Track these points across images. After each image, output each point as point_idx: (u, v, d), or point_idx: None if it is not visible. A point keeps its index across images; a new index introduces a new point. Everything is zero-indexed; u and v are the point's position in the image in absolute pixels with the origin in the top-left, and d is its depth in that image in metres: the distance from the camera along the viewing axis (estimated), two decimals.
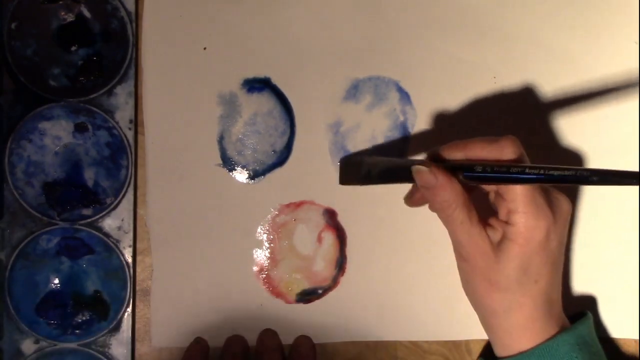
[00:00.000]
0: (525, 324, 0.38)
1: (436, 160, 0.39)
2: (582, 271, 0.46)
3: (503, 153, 0.36)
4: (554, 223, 0.37)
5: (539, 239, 0.37)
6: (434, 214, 0.47)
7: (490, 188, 0.40)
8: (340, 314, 0.46)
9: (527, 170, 0.35)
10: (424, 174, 0.37)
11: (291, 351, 0.46)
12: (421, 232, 0.46)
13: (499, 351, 0.40)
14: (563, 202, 0.39)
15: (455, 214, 0.37)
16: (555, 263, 0.39)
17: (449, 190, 0.37)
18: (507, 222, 0.37)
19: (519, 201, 0.36)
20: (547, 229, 0.37)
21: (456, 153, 0.38)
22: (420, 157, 0.46)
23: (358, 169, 0.42)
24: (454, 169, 0.37)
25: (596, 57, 0.47)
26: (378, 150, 0.46)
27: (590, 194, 0.47)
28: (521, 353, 0.38)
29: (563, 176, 0.34)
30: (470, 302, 0.41)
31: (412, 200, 0.43)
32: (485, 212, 0.39)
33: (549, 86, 0.47)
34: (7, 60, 0.44)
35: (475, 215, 0.37)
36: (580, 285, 0.46)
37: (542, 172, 0.35)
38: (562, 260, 0.40)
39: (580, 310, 0.43)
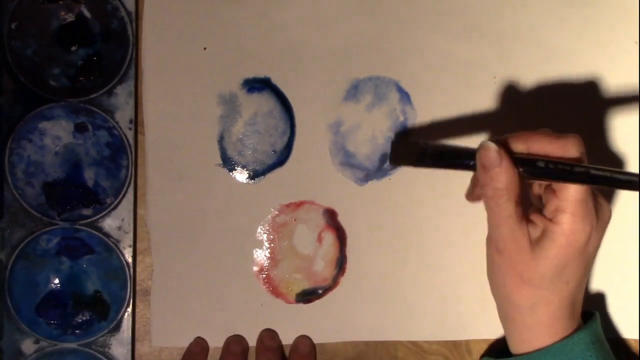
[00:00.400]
0: (548, 322, 0.38)
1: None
2: None
3: (567, 150, 0.36)
4: (596, 228, 0.37)
5: (580, 242, 0.36)
6: (435, 213, 0.47)
7: (542, 183, 0.39)
8: (340, 314, 0.46)
9: (591, 172, 0.34)
10: (490, 151, 0.35)
11: (291, 351, 0.46)
12: (421, 232, 0.46)
13: (515, 346, 0.40)
14: (606, 208, 0.38)
15: (505, 206, 0.36)
16: (588, 267, 0.38)
17: (509, 175, 0.35)
18: (551, 220, 0.36)
19: (570, 201, 0.36)
20: (589, 234, 0.36)
21: (519, 144, 0.37)
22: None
23: (412, 148, 0.39)
24: (515, 161, 0.36)
25: (596, 57, 0.47)
26: (378, 149, 0.46)
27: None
28: (539, 350, 0.38)
29: (629, 181, 0.34)
30: (494, 293, 0.40)
31: (473, 195, 0.42)
32: (525, 205, 0.38)
33: (549, 86, 0.47)
34: (7, 60, 0.44)
35: (520, 210, 0.37)
36: None
37: (607, 173, 0.34)
38: (593, 265, 0.40)
39: (586, 310, 0.43)
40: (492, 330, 0.47)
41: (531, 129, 0.46)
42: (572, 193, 0.36)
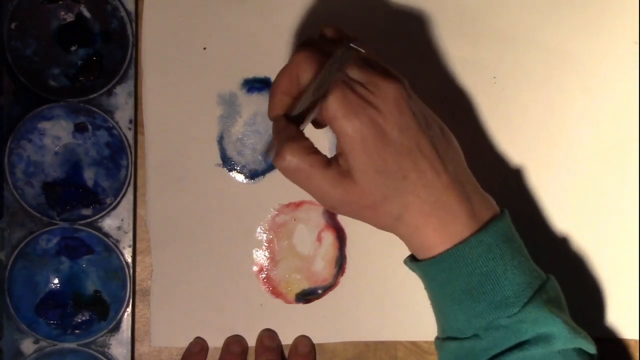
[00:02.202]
0: (424, 223, 0.35)
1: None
2: (582, 271, 0.46)
3: (302, 75, 0.35)
4: (379, 113, 0.33)
5: (365, 136, 0.33)
6: None
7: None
8: (340, 314, 0.46)
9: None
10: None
11: (291, 351, 0.46)
12: None
13: (416, 253, 0.38)
14: (386, 86, 0.34)
15: (313, 176, 0.34)
16: (413, 151, 0.34)
17: (293, 148, 0.34)
18: (337, 138, 0.34)
19: (329, 109, 0.33)
20: (369, 123, 0.33)
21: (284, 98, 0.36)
22: None
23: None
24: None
25: (596, 57, 0.47)
26: None
27: (590, 191, 0.46)
28: (432, 258, 0.36)
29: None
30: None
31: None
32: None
33: (549, 86, 0.47)
34: (7, 60, 0.44)
35: (320, 157, 0.34)
36: (579, 284, 0.46)
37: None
38: (431, 144, 0.35)
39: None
40: None
41: (531, 129, 0.47)
42: (329, 104, 0.33)
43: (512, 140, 0.47)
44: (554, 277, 0.38)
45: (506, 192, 0.46)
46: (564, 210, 0.46)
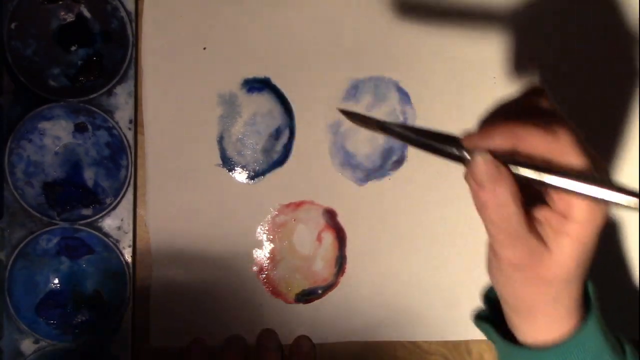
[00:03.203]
0: (561, 316, 0.35)
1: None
2: None
3: (562, 149, 0.31)
4: (604, 218, 0.33)
5: (596, 233, 0.32)
6: (435, 213, 0.47)
7: None
8: (340, 314, 0.46)
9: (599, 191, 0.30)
10: (486, 166, 0.31)
11: (291, 351, 0.46)
12: (421, 232, 0.46)
13: (525, 335, 0.36)
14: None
15: (517, 223, 0.31)
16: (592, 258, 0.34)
17: (513, 189, 0.31)
18: (565, 217, 0.32)
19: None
20: (601, 226, 0.32)
21: (501, 140, 0.31)
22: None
23: (375, 120, 0.35)
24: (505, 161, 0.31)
25: (596, 57, 0.47)
26: (377, 149, 0.46)
27: None
28: (556, 345, 0.35)
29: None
30: (502, 295, 0.36)
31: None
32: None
33: (549, 86, 0.47)
34: (7, 60, 0.44)
35: (525, 214, 0.32)
36: None
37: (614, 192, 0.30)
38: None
39: None
40: None
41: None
42: None
43: None
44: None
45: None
46: None
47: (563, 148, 0.31)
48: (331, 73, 0.46)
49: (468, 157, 0.32)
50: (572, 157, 0.31)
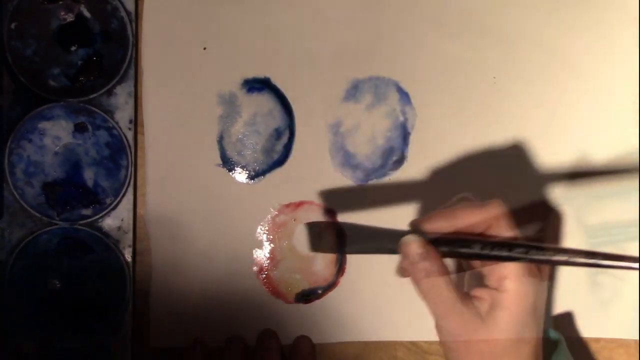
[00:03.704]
0: None
1: (417, 232, 0.37)
2: (581, 271, 0.46)
3: (491, 218, 0.36)
4: (541, 281, 0.36)
5: (530, 303, 0.36)
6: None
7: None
8: (340, 314, 0.46)
9: (530, 254, 0.34)
10: (413, 247, 0.35)
11: (291, 351, 0.46)
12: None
13: None
14: None
15: (447, 294, 0.35)
16: (541, 319, 0.38)
17: (439, 267, 0.35)
18: (497, 289, 0.36)
19: (512, 267, 0.35)
20: (536, 292, 0.36)
21: (441, 223, 0.36)
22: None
23: (328, 238, 0.41)
24: (436, 243, 0.36)
25: (596, 57, 0.47)
26: (377, 149, 0.46)
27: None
28: None
29: (567, 262, 0.34)
30: None
31: (403, 272, 0.41)
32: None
33: (549, 86, 0.47)
34: (7, 60, 0.44)
35: (461, 290, 0.36)
36: (578, 284, 0.46)
37: (543, 256, 0.34)
38: (545, 314, 0.39)
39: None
40: None
41: (531, 129, 0.47)
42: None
43: (512, 139, 0.47)
44: None
45: (506, 191, 0.46)
46: (564, 209, 0.46)
47: (495, 220, 0.35)
48: (331, 73, 0.46)
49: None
50: (502, 227, 0.36)
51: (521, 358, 0.37)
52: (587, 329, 0.46)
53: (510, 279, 0.35)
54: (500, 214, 0.36)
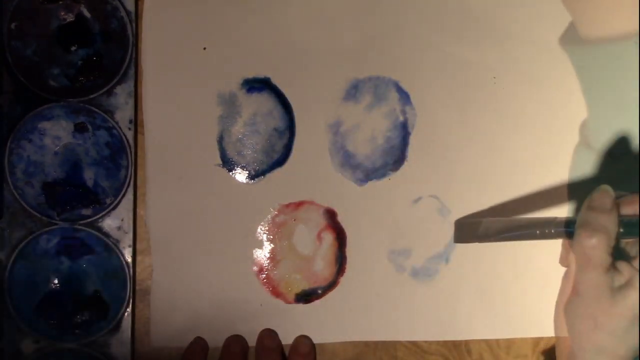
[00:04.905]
0: None
1: None
2: None
3: None
4: None
5: None
6: (434, 213, 0.47)
7: None
8: (340, 314, 0.46)
9: None
10: (608, 196, 0.36)
11: (291, 351, 0.46)
12: (421, 232, 0.46)
13: None
14: None
15: (600, 254, 0.36)
16: None
17: (613, 223, 0.36)
18: (635, 269, 0.37)
19: None
20: None
21: (627, 207, 0.37)
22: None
23: (475, 228, 0.42)
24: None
25: (596, 57, 0.47)
26: (377, 149, 0.46)
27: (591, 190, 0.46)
28: None
29: None
30: (558, 329, 0.40)
31: (568, 260, 0.42)
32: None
33: (549, 86, 0.47)
34: (7, 60, 0.44)
35: (611, 260, 0.37)
36: None
37: None
38: None
39: None
40: (492, 330, 0.47)
41: (530, 128, 0.47)
42: None
43: (512, 139, 0.47)
44: None
45: (506, 191, 0.47)
46: (564, 209, 0.46)
47: None
48: (331, 73, 0.46)
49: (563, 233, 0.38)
50: None
51: (625, 344, 0.37)
52: None
53: None
54: None
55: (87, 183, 0.45)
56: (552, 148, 0.47)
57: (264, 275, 0.46)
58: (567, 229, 0.37)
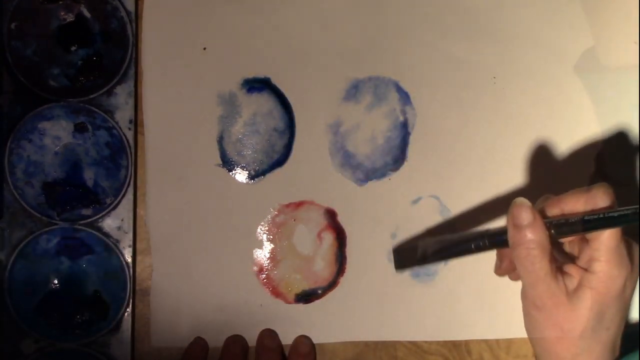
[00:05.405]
0: None
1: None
2: None
3: (597, 202, 0.36)
4: (631, 272, 0.37)
5: (617, 288, 0.36)
6: (434, 213, 0.47)
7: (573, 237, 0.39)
8: (340, 314, 0.46)
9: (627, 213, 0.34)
10: (524, 209, 0.36)
11: (291, 351, 0.46)
12: (420, 232, 0.46)
13: None
14: (637, 251, 0.38)
15: (540, 265, 0.36)
16: (626, 310, 0.38)
17: (542, 234, 0.36)
18: (587, 270, 0.37)
19: (603, 249, 0.36)
20: (625, 278, 0.36)
21: (553, 209, 0.37)
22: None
23: (413, 253, 0.42)
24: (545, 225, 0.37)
25: (596, 57, 0.47)
26: (377, 149, 0.46)
27: None
28: None
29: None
30: (533, 345, 0.40)
31: (502, 269, 0.42)
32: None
33: (549, 86, 0.47)
34: (7, 60, 0.44)
35: (554, 265, 0.37)
36: None
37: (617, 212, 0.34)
38: (630, 307, 0.40)
39: None
40: (492, 330, 0.47)
41: (530, 128, 0.47)
42: (604, 241, 0.36)
43: (512, 139, 0.47)
44: None
45: (506, 191, 0.47)
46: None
47: (596, 198, 0.36)
48: (331, 73, 0.46)
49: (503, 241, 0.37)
50: (603, 201, 0.36)
51: (599, 343, 0.37)
52: None
53: (600, 260, 0.36)
54: (606, 198, 0.36)
55: (87, 183, 0.45)
56: (552, 148, 0.47)
57: (264, 276, 0.46)
58: (500, 238, 0.37)
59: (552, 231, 0.36)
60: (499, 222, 0.46)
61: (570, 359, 0.38)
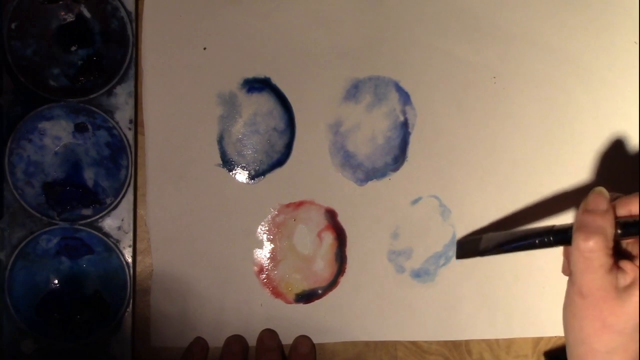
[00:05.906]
0: None
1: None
2: None
3: None
4: None
5: None
6: (434, 213, 0.47)
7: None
8: (340, 314, 0.46)
9: None
10: (602, 197, 0.36)
11: (291, 351, 0.46)
12: (421, 232, 0.46)
13: None
14: None
15: (597, 255, 0.36)
16: None
17: (609, 223, 0.36)
18: None
19: None
20: None
21: (621, 210, 0.37)
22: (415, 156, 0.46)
23: (475, 245, 0.42)
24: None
25: (596, 57, 0.47)
26: (378, 149, 0.46)
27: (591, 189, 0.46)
28: None
29: None
30: (567, 333, 0.39)
31: (569, 269, 0.41)
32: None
33: (549, 86, 0.47)
34: (7, 60, 0.44)
35: (611, 260, 0.36)
36: None
37: None
38: None
39: None
40: (492, 330, 0.47)
41: (530, 128, 0.47)
42: None
43: (512, 139, 0.47)
44: None
45: (506, 191, 0.47)
46: (564, 208, 0.46)
47: None
48: (331, 73, 0.46)
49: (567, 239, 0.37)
50: None
51: (636, 342, 0.37)
52: None
53: None
54: None
55: (87, 183, 0.45)
56: (552, 148, 0.47)
57: (264, 275, 0.46)
58: (566, 235, 0.37)
59: (618, 230, 0.36)
60: (499, 222, 0.46)
61: (603, 352, 0.37)
